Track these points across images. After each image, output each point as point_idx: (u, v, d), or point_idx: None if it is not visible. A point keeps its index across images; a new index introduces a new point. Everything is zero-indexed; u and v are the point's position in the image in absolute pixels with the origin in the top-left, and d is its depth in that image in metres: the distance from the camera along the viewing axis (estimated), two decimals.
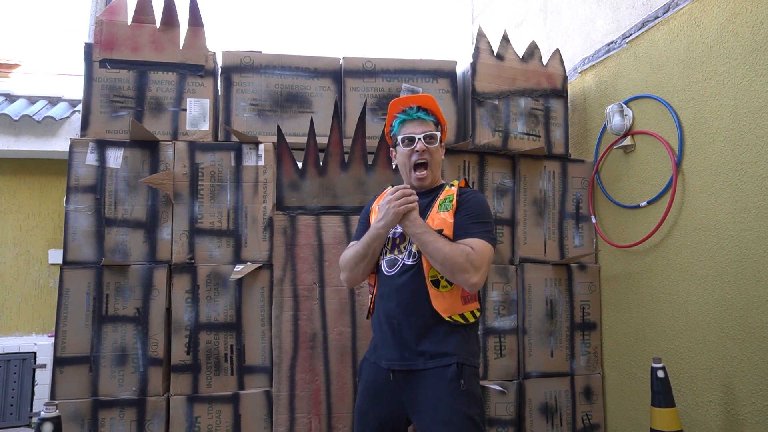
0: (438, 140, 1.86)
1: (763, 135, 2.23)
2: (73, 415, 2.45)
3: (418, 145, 1.82)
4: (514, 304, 2.98)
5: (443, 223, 1.77)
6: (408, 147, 1.84)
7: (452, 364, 1.68)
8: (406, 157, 1.85)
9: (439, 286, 1.73)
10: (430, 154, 1.84)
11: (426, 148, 1.82)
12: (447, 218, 1.77)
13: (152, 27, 2.79)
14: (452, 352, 1.70)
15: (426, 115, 1.86)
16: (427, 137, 1.83)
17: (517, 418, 2.89)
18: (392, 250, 1.84)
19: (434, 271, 1.73)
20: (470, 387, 1.68)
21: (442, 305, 1.73)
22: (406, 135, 1.84)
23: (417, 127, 1.84)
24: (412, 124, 1.85)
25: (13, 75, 5.65)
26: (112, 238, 2.61)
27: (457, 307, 1.75)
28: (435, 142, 1.85)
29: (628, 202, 2.93)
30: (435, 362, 1.70)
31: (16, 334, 4.54)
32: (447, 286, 1.74)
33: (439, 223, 1.77)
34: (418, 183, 1.87)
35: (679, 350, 2.58)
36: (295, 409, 2.60)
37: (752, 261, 2.25)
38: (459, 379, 1.66)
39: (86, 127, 2.68)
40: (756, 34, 2.27)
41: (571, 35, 3.58)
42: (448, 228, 1.76)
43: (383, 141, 2.75)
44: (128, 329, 2.56)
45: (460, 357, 1.70)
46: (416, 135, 1.83)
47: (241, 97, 2.82)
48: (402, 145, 1.86)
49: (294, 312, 2.65)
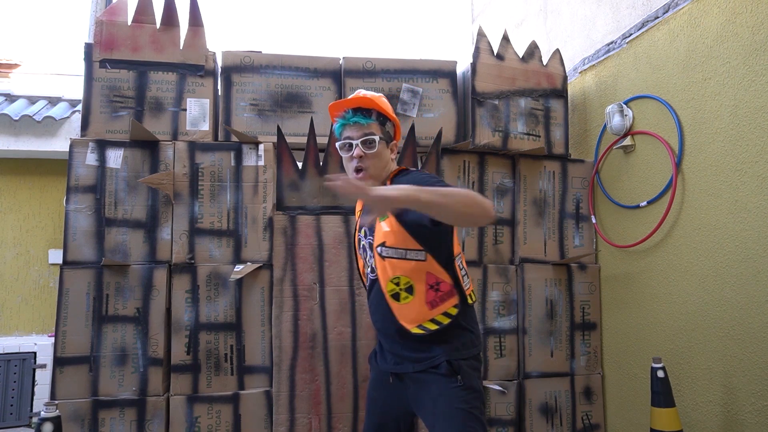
0: (377, 143, 1.74)
1: (763, 135, 2.23)
2: (73, 415, 2.45)
3: (355, 151, 1.73)
4: (514, 304, 2.98)
5: (384, 235, 1.68)
6: (347, 153, 1.76)
7: (441, 362, 1.66)
8: (347, 162, 1.78)
9: (399, 299, 1.68)
10: (369, 158, 1.74)
11: (364, 154, 1.73)
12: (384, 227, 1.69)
13: (152, 27, 2.79)
14: (437, 354, 1.67)
15: (364, 118, 1.75)
16: (365, 142, 1.73)
17: (517, 418, 2.89)
18: (366, 265, 1.85)
19: (391, 285, 1.68)
20: (467, 381, 1.65)
21: (408, 317, 1.68)
22: (344, 141, 1.77)
23: (354, 132, 1.74)
24: (350, 128, 1.76)
25: (13, 75, 5.65)
26: (112, 238, 2.61)
27: (423, 315, 1.68)
28: (374, 146, 1.74)
29: (628, 202, 2.93)
30: (424, 364, 1.69)
31: (16, 334, 4.53)
32: (408, 296, 1.67)
33: (380, 236, 1.69)
34: None
35: (679, 350, 2.58)
36: (295, 409, 2.60)
37: (752, 261, 2.25)
38: (455, 375, 1.64)
39: (86, 127, 2.68)
40: (756, 34, 2.27)
41: (571, 35, 3.58)
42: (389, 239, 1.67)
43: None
44: (128, 329, 2.56)
45: (446, 353, 1.67)
46: (353, 141, 1.74)
47: (241, 97, 2.82)
48: (341, 151, 1.79)
49: (294, 312, 2.65)
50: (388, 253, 1.68)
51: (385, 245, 1.67)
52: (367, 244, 1.81)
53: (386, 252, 1.68)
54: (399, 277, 1.68)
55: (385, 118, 1.81)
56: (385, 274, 1.69)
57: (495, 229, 3.01)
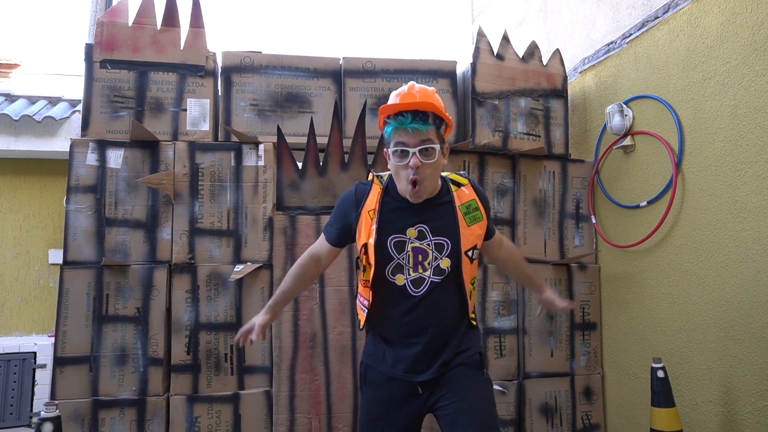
0: (437, 151, 1.60)
1: (763, 135, 2.23)
2: (73, 415, 2.45)
3: (412, 160, 1.57)
4: (514, 304, 2.98)
5: (478, 238, 1.73)
6: (401, 161, 1.60)
7: (475, 353, 1.72)
8: (399, 169, 1.62)
9: (471, 296, 1.77)
10: (426, 168, 1.58)
11: (421, 164, 1.57)
12: (476, 230, 1.73)
13: (153, 28, 2.79)
14: (474, 345, 1.75)
15: (423, 124, 1.56)
16: (423, 151, 1.57)
17: (517, 418, 2.89)
18: (415, 268, 1.67)
19: (470, 285, 1.75)
20: (489, 376, 1.75)
21: (471, 307, 1.77)
22: (398, 147, 1.59)
23: (411, 138, 1.57)
24: (405, 133, 1.57)
25: (13, 75, 5.64)
26: (112, 238, 2.61)
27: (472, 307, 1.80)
28: (433, 156, 1.59)
29: (628, 202, 2.93)
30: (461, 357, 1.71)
31: (16, 334, 4.53)
32: (473, 291, 1.77)
33: (474, 239, 1.72)
34: (413, 199, 1.65)
35: (679, 350, 2.58)
36: (295, 409, 2.60)
37: (752, 261, 2.25)
38: (482, 368, 1.71)
39: (86, 127, 2.69)
40: (756, 34, 2.27)
41: (571, 35, 3.58)
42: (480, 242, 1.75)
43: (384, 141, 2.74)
44: (128, 329, 2.56)
45: (479, 347, 1.77)
46: (410, 149, 1.57)
47: (241, 98, 2.82)
48: (393, 157, 1.62)
49: (294, 312, 2.65)
50: (475, 255, 1.73)
51: (477, 248, 1.72)
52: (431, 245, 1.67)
53: (476, 254, 1.73)
54: (474, 277, 1.78)
55: (441, 120, 1.63)
56: (469, 275, 1.73)
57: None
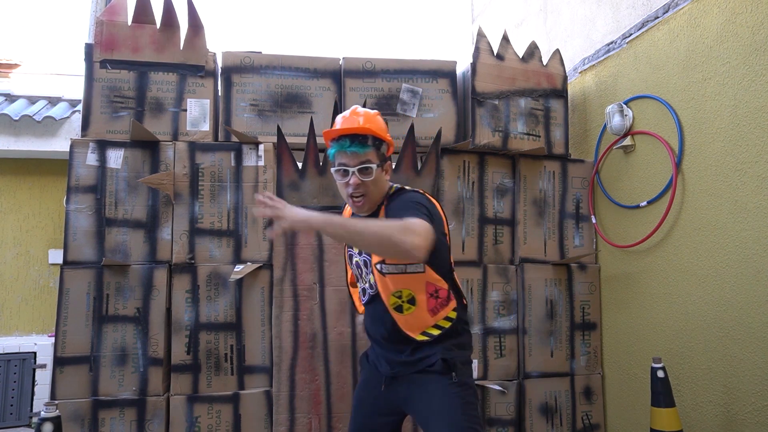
0: (374, 171, 1.72)
1: (763, 135, 2.23)
2: (73, 415, 2.45)
3: (351, 179, 1.71)
4: (514, 304, 2.98)
5: None
6: (342, 179, 1.73)
7: (436, 360, 1.69)
8: (342, 187, 1.76)
9: (402, 311, 1.71)
10: (366, 185, 1.72)
11: (361, 182, 1.70)
12: None
13: (152, 27, 2.79)
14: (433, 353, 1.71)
15: (361, 147, 1.70)
16: (362, 170, 1.70)
17: (517, 418, 2.89)
18: (362, 279, 1.83)
19: (393, 298, 1.70)
20: (461, 377, 1.69)
21: (412, 327, 1.72)
22: (340, 167, 1.73)
23: (351, 160, 1.70)
24: (346, 155, 1.71)
25: (13, 75, 5.64)
26: (112, 238, 2.61)
27: (426, 322, 1.72)
28: (371, 174, 1.71)
29: (628, 202, 2.93)
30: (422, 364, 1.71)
31: (16, 334, 4.53)
32: (410, 307, 1.70)
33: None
34: (356, 211, 1.79)
35: (679, 350, 2.58)
36: (295, 409, 2.60)
37: (752, 261, 2.25)
38: (450, 372, 1.68)
39: (87, 128, 2.69)
40: (756, 34, 2.27)
41: (571, 35, 3.58)
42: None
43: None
44: (128, 329, 2.56)
45: (441, 352, 1.70)
46: (350, 168, 1.71)
47: (241, 98, 2.82)
48: (336, 175, 1.76)
49: (294, 312, 2.65)
50: (388, 269, 1.70)
51: (385, 262, 1.69)
52: (362, 261, 1.80)
53: (386, 269, 1.70)
54: (401, 291, 1.71)
55: (380, 141, 1.76)
56: (386, 289, 1.71)
57: (495, 229, 3.01)
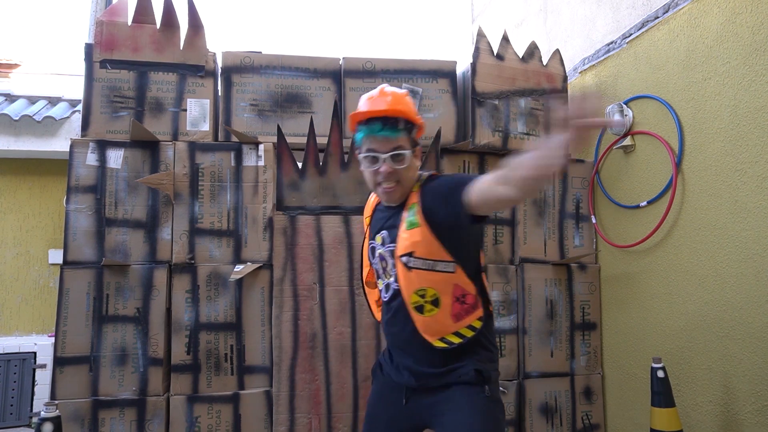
0: (406, 157, 1.58)
1: (763, 135, 2.23)
2: (73, 415, 2.45)
3: (382, 166, 1.57)
4: (514, 304, 2.98)
5: (414, 245, 1.55)
6: (371, 166, 1.60)
7: (470, 371, 1.57)
8: (371, 175, 1.62)
9: (423, 312, 1.57)
10: (398, 173, 1.59)
11: (392, 170, 1.57)
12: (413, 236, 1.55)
13: (152, 27, 2.79)
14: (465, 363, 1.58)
15: (393, 132, 1.56)
16: (395, 157, 1.57)
17: (517, 418, 2.89)
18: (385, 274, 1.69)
19: (416, 297, 1.56)
20: (494, 393, 1.58)
21: (431, 330, 1.58)
22: (369, 153, 1.59)
23: (382, 145, 1.57)
24: (375, 140, 1.57)
25: (13, 75, 5.65)
26: (112, 238, 2.61)
27: (447, 327, 1.58)
28: (404, 161, 1.58)
29: (628, 202, 2.93)
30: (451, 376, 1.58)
31: (16, 334, 4.53)
32: (433, 309, 1.56)
33: (410, 245, 1.56)
34: (386, 200, 1.66)
35: (679, 350, 2.58)
36: (295, 409, 2.60)
37: (752, 261, 2.25)
38: (483, 384, 1.56)
39: (86, 128, 2.69)
40: (756, 34, 2.27)
41: (571, 35, 3.58)
42: (419, 249, 1.54)
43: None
44: (128, 329, 2.56)
45: (474, 363, 1.58)
46: (381, 155, 1.57)
47: (241, 98, 2.83)
48: (364, 162, 1.62)
49: (294, 312, 2.65)
50: (415, 263, 1.55)
51: (413, 255, 1.55)
52: (387, 253, 1.65)
53: (413, 263, 1.55)
54: (425, 289, 1.56)
55: (412, 124, 1.62)
56: (410, 285, 1.57)
57: (495, 229, 3.01)
